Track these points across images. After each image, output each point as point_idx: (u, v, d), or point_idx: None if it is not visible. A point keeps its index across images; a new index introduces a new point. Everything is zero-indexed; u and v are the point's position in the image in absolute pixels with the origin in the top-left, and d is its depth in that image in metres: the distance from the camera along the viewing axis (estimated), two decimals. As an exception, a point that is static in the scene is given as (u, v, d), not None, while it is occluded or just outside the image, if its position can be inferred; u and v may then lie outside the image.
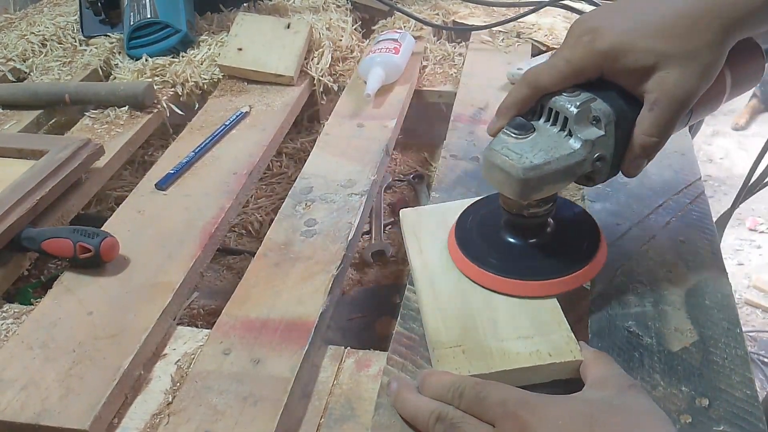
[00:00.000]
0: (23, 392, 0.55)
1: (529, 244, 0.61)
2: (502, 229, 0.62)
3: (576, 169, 0.54)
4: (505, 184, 0.54)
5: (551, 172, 0.53)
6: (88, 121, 0.94)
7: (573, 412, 0.45)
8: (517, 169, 0.52)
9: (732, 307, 0.59)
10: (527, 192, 0.54)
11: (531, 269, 0.59)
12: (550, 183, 0.54)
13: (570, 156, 0.53)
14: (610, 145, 0.54)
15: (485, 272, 0.59)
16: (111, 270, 0.67)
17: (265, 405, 0.53)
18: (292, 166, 1.14)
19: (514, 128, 0.55)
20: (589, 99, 0.54)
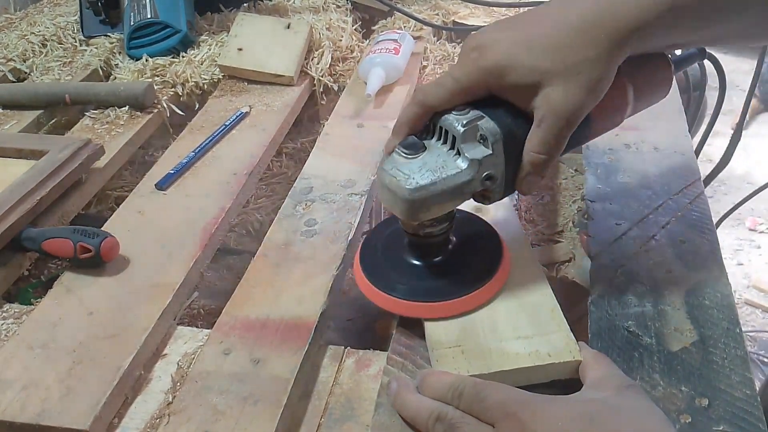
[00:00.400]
0: (23, 392, 0.55)
1: (432, 264, 0.60)
2: (404, 250, 0.61)
3: (464, 188, 0.54)
4: (394, 205, 0.54)
5: (438, 192, 0.53)
6: (88, 121, 0.94)
7: (572, 413, 0.45)
8: (403, 189, 0.52)
9: (732, 307, 0.60)
10: (414, 212, 0.53)
11: (432, 290, 0.58)
12: (438, 203, 0.53)
13: (457, 176, 0.53)
14: (499, 163, 0.54)
15: (387, 296, 0.59)
16: (111, 270, 0.67)
17: (265, 405, 0.53)
18: (292, 166, 1.14)
19: (405, 148, 0.54)
20: (477, 117, 0.53)
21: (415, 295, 0.58)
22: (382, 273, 0.61)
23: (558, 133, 0.52)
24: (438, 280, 0.59)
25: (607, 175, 0.78)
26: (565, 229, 0.93)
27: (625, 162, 0.80)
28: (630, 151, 0.83)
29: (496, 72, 0.53)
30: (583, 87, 0.51)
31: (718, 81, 0.86)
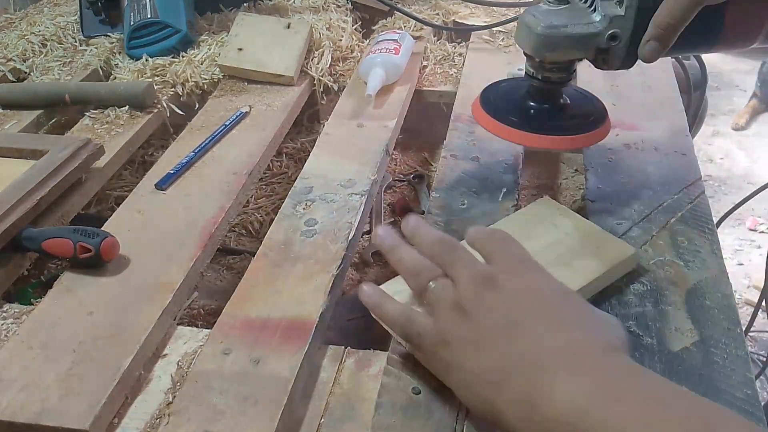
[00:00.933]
0: (23, 392, 0.55)
1: (543, 108, 0.68)
2: (523, 94, 0.70)
3: (590, 40, 0.60)
4: (526, 40, 0.62)
5: (566, 35, 0.60)
6: (88, 121, 0.94)
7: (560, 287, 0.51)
8: (537, 25, 0.60)
9: (732, 307, 0.60)
10: (542, 48, 0.61)
11: (544, 126, 0.67)
12: (564, 46, 0.61)
13: (587, 26, 0.60)
14: (627, 27, 0.59)
15: (501, 125, 0.68)
16: (111, 270, 0.67)
17: (265, 405, 0.53)
18: (292, 166, 1.14)
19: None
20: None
21: (533, 127, 0.67)
22: (502, 110, 0.69)
23: (686, 4, 0.56)
24: (547, 119, 0.68)
25: (608, 175, 0.78)
26: (565, 229, 0.93)
27: (625, 162, 0.80)
28: (630, 151, 0.83)
29: None
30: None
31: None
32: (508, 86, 0.74)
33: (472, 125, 0.90)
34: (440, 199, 0.75)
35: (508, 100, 0.71)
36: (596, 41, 0.60)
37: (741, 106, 3.22)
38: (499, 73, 1.02)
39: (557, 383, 0.42)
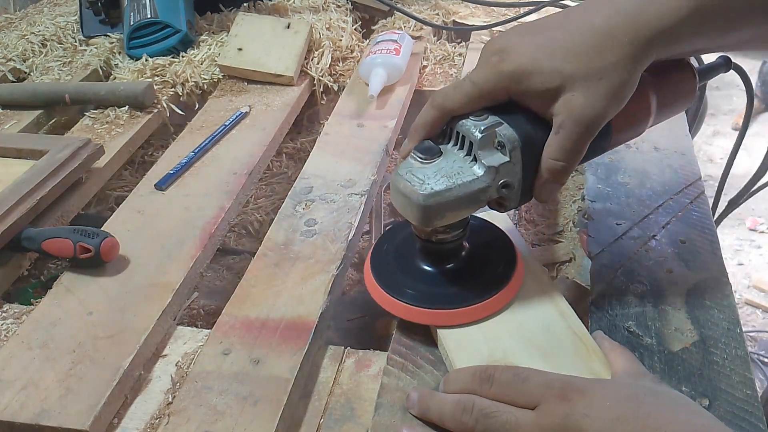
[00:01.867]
0: (23, 392, 0.55)
1: (444, 270, 0.59)
2: (417, 256, 0.60)
3: (480, 195, 0.53)
4: (408, 210, 0.53)
5: (453, 198, 0.52)
6: (88, 121, 0.94)
7: (619, 394, 0.44)
8: (417, 195, 0.51)
9: (732, 307, 0.60)
10: (428, 219, 0.53)
11: (444, 297, 0.57)
12: (452, 210, 0.53)
13: (473, 182, 0.52)
14: (516, 171, 0.53)
15: (398, 302, 0.58)
16: (111, 270, 0.67)
17: (265, 405, 0.53)
18: (292, 166, 1.14)
19: (420, 152, 0.53)
20: (495, 123, 0.52)
21: (426, 301, 0.57)
22: (393, 278, 0.59)
23: (577, 140, 0.51)
24: (450, 287, 0.58)
25: (608, 175, 0.78)
26: (565, 229, 0.93)
27: (625, 162, 0.80)
28: (630, 150, 0.83)
29: (516, 76, 0.51)
30: (605, 93, 0.50)
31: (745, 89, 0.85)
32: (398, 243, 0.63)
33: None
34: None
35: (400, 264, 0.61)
36: (487, 194, 0.53)
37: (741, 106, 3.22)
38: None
39: None
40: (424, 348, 0.57)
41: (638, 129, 0.58)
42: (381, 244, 0.64)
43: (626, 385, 0.47)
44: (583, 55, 0.50)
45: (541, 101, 0.52)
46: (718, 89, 3.33)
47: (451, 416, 0.48)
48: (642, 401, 0.44)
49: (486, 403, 0.47)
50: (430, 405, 0.50)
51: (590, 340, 0.55)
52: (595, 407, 0.43)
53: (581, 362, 0.53)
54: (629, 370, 0.50)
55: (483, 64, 0.54)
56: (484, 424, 0.46)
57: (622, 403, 0.44)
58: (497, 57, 0.52)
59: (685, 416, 0.43)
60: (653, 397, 0.44)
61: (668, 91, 0.57)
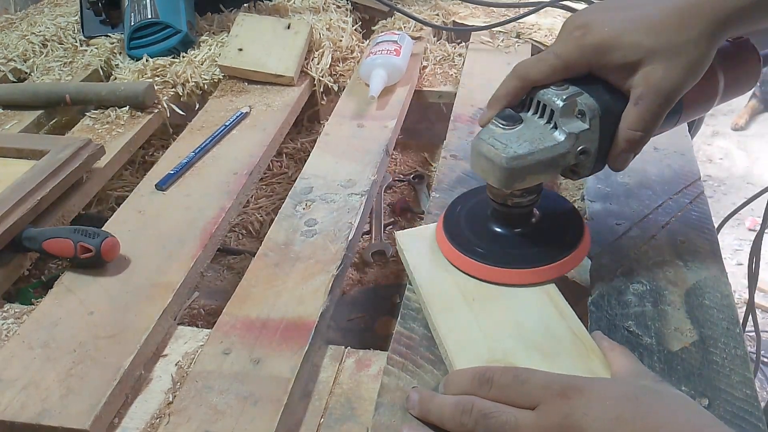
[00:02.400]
0: (24, 392, 0.55)
1: (514, 233, 0.63)
2: (489, 219, 0.64)
3: (559, 160, 0.56)
4: (490, 173, 0.56)
5: (534, 162, 0.55)
6: (88, 121, 0.94)
7: (619, 393, 0.45)
8: (501, 158, 0.54)
9: (732, 307, 0.60)
10: (511, 181, 0.55)
11: (515, 257, 0.61)
12: (533, 173, 0.56)
13: (554, 148, 0.55)
14: (594, 139, 0.56)
15: (470, 260, 0.61)
16: (111, 270, 0.67)
17: (265, 405, 0.53)
18: (292, 166, 1.14)
19: (502, 119, 0.56)
20: (576, 93, 0.55)
21: (498, 260, 0.61)
22: (467, 240, 0.63)
23: (655, 111, 0.54)
24: (522, 248, 0.62)
25: (608, 175, 0.78)
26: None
27: (625, 162, 0.80)
28: (630, 151, 0.83)
29: (600, 50, 0.54)
30: (683, 66, 0.52)
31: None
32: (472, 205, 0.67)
33: (472, 125, 0.90)
34: (440, 200, 0.75)
35: (473, 225, 0.64)
36: (566, 160, 0.56)
37: (741, 106, 3.22)
38: (499, 73, 1.02)
39: None
40: (424, 348, 0.57)
41: (706, 106, 0.61)
42: (453, 207, 0.67)
43: (626, 384, 0.47)
44: (664, 30, 0.53)
45: (621, 74, 0.55)
46: None
47: (451, 417, 0.48)
48: (641, 401, 0.44)
49: (486, 404, 0.47)
50: (431, 407, 0.50)
51: (589, 340, 0.55)
52: (594, 406, 0.43)
53: (580, 362, 0.53)
54: (629, 370, 0.50)
55: (565, 37, 0.56)
56: (483, 425, 0.46)
57: (622, 403, 0.44)
58: (580, 31, 0.55)
59: (684, 416, 0.43)
60: (653, 396, 0.44)
61: (735, 71, 0.60)
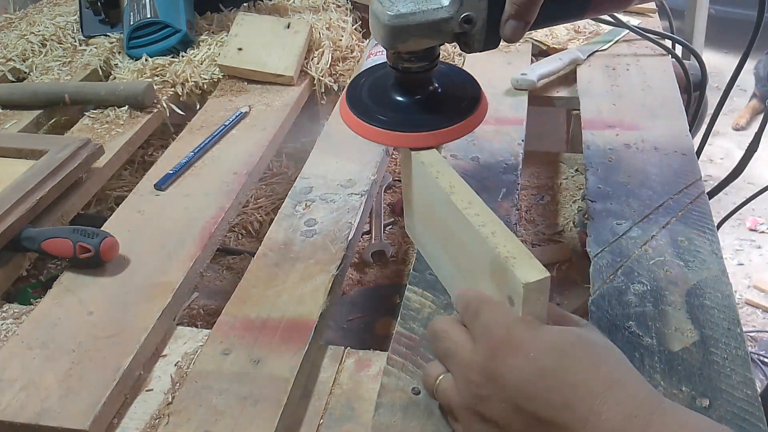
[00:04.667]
0: (23, 392, 0.55)
1: (413, 100, 0.62)
2: (390, 88, 0.63)
3: (442, 26, 0.54)
4: (377, 31, 0.56)
5: (415, 23, 0.54)
6: (87, 120, 0.94)
7: (546, 344, 0.45)
8: (384, 15, 0.54)
9: (732, 307, 0.59)
10: (392, 40, 0.55)
11: (412, 122, 0.60)
12: (415, 35, 0.55)
13: (437, 11, 0.54)
14: (480, 7, 0.54)
15: (369, 126, 0.60)
16: (111, 270, 0.67)
17: (265, 405, 0.53)
18: (292, 166, 1.14)
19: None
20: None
21: (396, 125, 0.60)
22: (368, 107, 0.62)
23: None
24: (419, 114, 0.61)
25: (608, 175, 0.78)
26: (565, 229, 0.93)
27: (625, 162, 0.80)
28: (630, 150, 0.83)
29: None
30: None
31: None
32: (375, 78, 0.67)
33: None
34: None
35: (375, 96, 0.64)
36: (449, 26, 0.55)
37: (741, 106, 3.22)
38: (498, 73, 1.02)
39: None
40: (424, 348, 0.57)
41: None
42: (358, 79, 0.66)
43: (556, 333, 0.46)
44: None
45: None
46: (719, 89, 3.33)
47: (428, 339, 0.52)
48: (566, 352, 0.44)
49: (441, 326, 0.51)
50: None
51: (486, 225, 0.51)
52: (518, 356, 0.44)
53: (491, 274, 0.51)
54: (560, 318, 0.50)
55: None
56: (435, 345, 0.51)
57: (547, 354, 0.44)
58: None
59: (606, 369, 0.43)
60: (579, 348, 0.44)
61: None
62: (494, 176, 0.79)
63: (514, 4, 0.52)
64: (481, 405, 0.45)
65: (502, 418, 0.44)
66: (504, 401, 0.44)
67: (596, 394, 0.41)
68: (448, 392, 0.49)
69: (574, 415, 0.41)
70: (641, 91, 0.96)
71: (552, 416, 0.42)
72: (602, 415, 0.41)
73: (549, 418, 0.42)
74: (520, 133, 0.87)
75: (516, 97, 0.96)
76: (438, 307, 0.61)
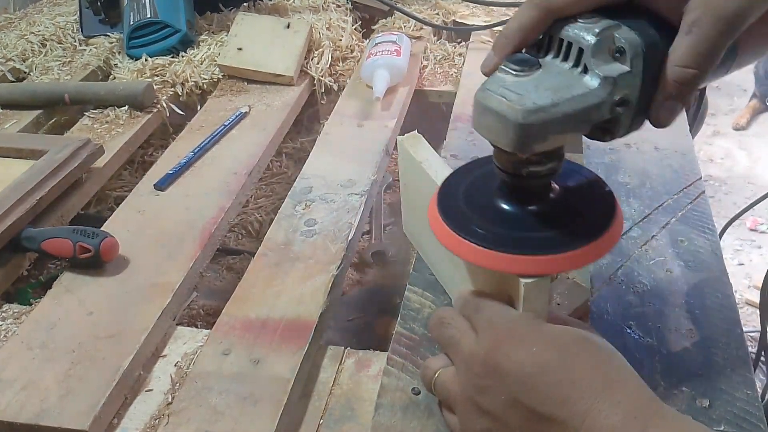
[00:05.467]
0: (23, 392, 0.55)
1: (528, 212, 0.49)
2: (495, 194, 0.50)
3: (592, 113, 0.43)
4: (501, 132, 0.43)
5: (559, 116, 0.42)
6: (87, 120, 0.94)
7: (547, 339, 0.45)
8: (516, 111, 0.41)
9: (732, 308, 0.59)
10: (528, 141, 0.42)
11: (529, 241, 0.47)
12: (557, 132, 0.43)
13: (584, 97, 0.42)
14: (636, 84, 0.43)
15: (470, 244, 0.47)
16: (111, 270, 0.67)
17: (265, 405, 0.53)
18: (292, 166, 1.14)
19: (515, 64, 0.43)
20: (612, 26, 0.43)
21: (507, 245, 0.46)
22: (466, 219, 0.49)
23: (714, 40, 0.41)
24: (537, 231, 0.48)
25: (608, 175, 0.78)
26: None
27: (625, 161, 0.80)
28: (630, 150, 0.83)
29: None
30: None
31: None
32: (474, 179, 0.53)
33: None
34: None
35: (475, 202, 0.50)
36: (600, 113, 0.43)
37: (741, 105, 3.22)
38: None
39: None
40: (424, 348, 0.57)
41: (759, 53, 0.48)
42: (449, 183, 0.53)
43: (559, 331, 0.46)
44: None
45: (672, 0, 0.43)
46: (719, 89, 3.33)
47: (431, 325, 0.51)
48: (569, 350, 0.44)
49: (447, 313, 0.50)
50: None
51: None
52: (520, 350, 0.44)
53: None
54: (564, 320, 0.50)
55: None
56: (438, 332, 0.50)
57: (549, 349, 0.44)
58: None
59: (607, 369, 0.43)
60: (582, 347, 0.44)
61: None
62: (494, 176, 0.78)
63: (676, 82, 0.43)
64: (481, 396, 0.45)
65: (500, 411, 0.44)
66: (503, 394, 0.44)
67: (597, 392, 0.41)
68: (448, 384, 0.49)
69: (573, 412, 0.41)
70: (641, 91, 0.96)
71: (551, 411, 0.42)
72: (601, 413, 0.41)
73: (547, 413, 0.42)
74: (520, 133, 0.87)
75: (516, 97, 0.96)
76: (438, 307, 0.61)
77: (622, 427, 0.40)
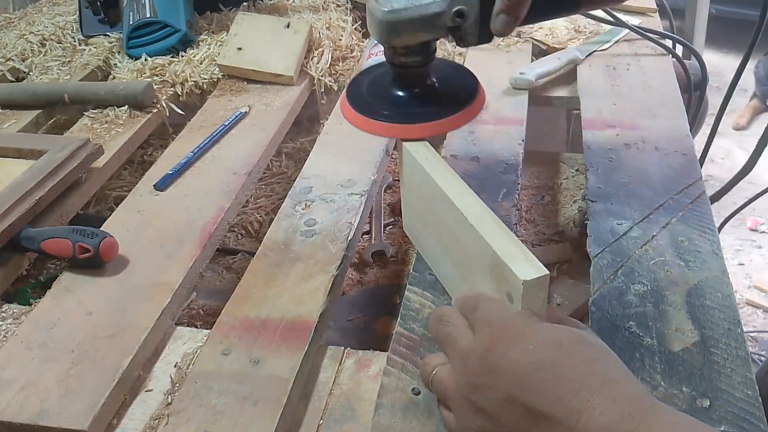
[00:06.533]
0: (22, 392, 0.55)
1: (411, 95, 0.63)
2: (389, 85, 0.64)
3: (435, 20, 0.56)
4: (374, 28, 0.58)
5: (408, 18, 0.56)
6: (87, 120, 0.94)
7: (544, 338, 0.45)
8: (378, 11, 0.56)
9: (733, 308, 0.59)
10: (387, 35, 0.57)
11: (408, 114, 0.62)
12: (408, 30, 0.56)
13: (429, 5, 0.55)
14: (473, 2, 0.55)
15: (365, 118, 0.62)
16: (110, 270, 0.67)
17: (265, 405, 0.53)
18: (291, 166, 1.14)
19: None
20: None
21: (394, 118, 0.62)
22: (366, 102, 0.64)
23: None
24: (416, 108, 0.62)
25: (608, 175, 0.78)
26: (565, 229, 0.93)
27: (625, 162, 0.80)
28: (631, 150, 0.83)
29: None
30: None
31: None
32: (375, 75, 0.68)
33: (472, 125, 0.89)
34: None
35: (374, 92, 0.65)
36: (442, 20, 0.56)
37: (742, 106, 3.22)
38: (499, 73, 1.02)
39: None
40: (424, 348, 0.57)
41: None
42: (359, 76, 0.68)
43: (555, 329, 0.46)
44: None
45: None
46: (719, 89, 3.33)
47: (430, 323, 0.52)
48: (565, 348, 0.44)
49: (446, 311, 0.51)
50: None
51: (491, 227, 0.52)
52: (516, 349, 0.44)
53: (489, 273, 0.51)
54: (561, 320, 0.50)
55: None
56: (436, 329, 0.51)
57: (545, 347, 0.44)
58: None
59: (602, 367, 0.43)
60: (577, 345, 0.44)
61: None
62: (494, 176, 0.79)
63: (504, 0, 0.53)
64: (476, 394, 0.45)
65: (496, 409, 0.44)
66: (499, 391, 0.44)
67: (592, 389, 0.42)
68: (444, 381, 0.49)
69: (568, 409, 0.41)
70: (641, 90, 0.96)
71: (546, 409, 0.42)
72: (596, 410, 0.41)
73: (543, 410, 0.42)
74: (520, 132, 0.87)
75: (516, 97, 0.96)
76: (438, 307, 0.61)
77: (617, 424, 0.40)
